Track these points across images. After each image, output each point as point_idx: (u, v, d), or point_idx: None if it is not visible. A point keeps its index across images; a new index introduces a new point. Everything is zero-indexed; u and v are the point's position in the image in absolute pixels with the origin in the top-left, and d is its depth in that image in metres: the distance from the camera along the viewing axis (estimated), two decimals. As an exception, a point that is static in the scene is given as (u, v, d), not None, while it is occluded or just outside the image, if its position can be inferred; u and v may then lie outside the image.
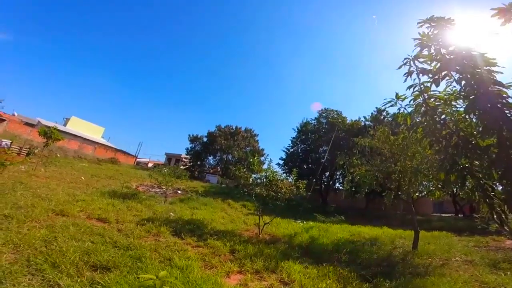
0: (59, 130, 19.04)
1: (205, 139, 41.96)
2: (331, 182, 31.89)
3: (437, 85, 3.05)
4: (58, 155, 22.57)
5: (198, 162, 41.61)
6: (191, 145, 42.45)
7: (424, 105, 3.35)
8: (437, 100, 3.33)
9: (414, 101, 3.46)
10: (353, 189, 11.46)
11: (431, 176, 7.63)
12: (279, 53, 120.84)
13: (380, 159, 9.53)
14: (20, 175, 10.97)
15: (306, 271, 5.44)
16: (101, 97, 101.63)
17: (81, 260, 3.94)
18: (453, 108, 3.44)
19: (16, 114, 33.54)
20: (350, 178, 9.88)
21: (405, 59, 3.24)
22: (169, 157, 47.56)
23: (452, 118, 3.39)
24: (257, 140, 44.89)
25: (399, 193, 9.05)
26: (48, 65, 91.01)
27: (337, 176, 31.22)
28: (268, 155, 43.21)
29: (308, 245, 7.86)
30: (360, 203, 26.31)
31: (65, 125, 37.60)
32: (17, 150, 17.09)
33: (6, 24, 79.61)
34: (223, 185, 30.66)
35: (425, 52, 3.10)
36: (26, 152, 17.72)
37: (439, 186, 7.59)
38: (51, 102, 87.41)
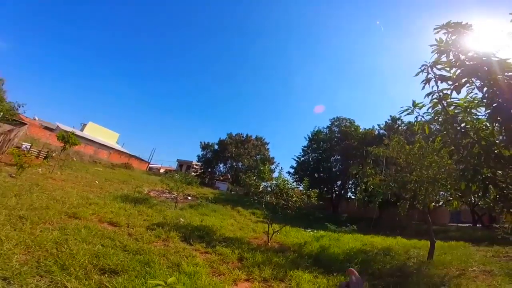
0: (76, 135, 19.71)
1: (216, 147, 42.36)
2: (343, 191, 31.21)
3: (458, 93, 2.92)
4: (74, 159, 23.33)
5: (209, 169, 41.94)
6: (202, 152, 42.96)
7: (443, 113, 3.21)
8: (457, 108, 3.19)
9: (432, 109, 3.32)
10: (366, 198, 11.15)
11: (449, 186, 7.33)
12: (291, 60, 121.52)
13: (395, 169, 9.26)
14: (37, 177, 11.34)
15: (316, 280, 5.27)
16: (116, 103, 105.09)
17: (90, 263, 3.95)
18: (474, 116, 3.28)
19: (36, 118, 35.03)
20: (364, 187, 9.63)
21: (422, 65, 3.14)
22: (181, 164, 48.18)
23: (473, 127, 3.23)
24: (268, 149, 44.87)
25: (414, 203, 8.73)
26: (68, 70, 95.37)
27: (350, 186, 30.53)
28: (278, 163, 43.00)
29: (318, 255, 7.62)
30: (373, 213, 25.51)
31: (82, 130, 38.94)
32: (36, 153, 17.77)
33: (32, 33, 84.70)
34: (232, 193, 30.60)
35: (443, 58, 2.99)
36: (44, 155, 18.44)
37: (457, 195, 7.28)
38: (70, 107, 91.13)
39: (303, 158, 33.29)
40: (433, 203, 9.24)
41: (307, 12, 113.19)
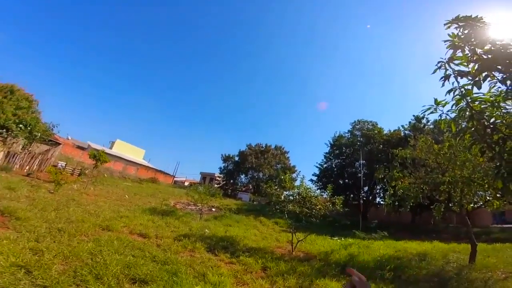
0: (106, 153, 21.01)
1: (236, 158, 42.86)
2: (370, 197, 29.83)
3: (479, 88, 2.77)
4: (105, 175, 24.73)
5: (231, 181, 42.34)
6: (224, 164, 43.64)
7: (468, 109, 3.05)
8: (483, 103, 3.00)
9: (456, 106, 3.16)
10: (396, 203, 10.60)
11: (486, 185, 6.78)
12: (307, 66, 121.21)
13: (424, 170, 8.76)
14: (72, 193, 12.17)
15: (344, 289, 5.04)
16: (141, 119, 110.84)
17: (122, 273, 4.12)
18: (503, 110, 3.07)
19: (70, 138, 37.76)
20: (392, 192, 9.19)
21: (439, 62, 3.02)
22: (204, 176, 49.18)
23: (504, 121, 3.02)
24: (288, 157, 44.53)
25: (450, 205, 8.16)
26: (94, 90, 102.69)
27: (377, 191, 29.18)
28: (300, 171, 42.38)
29: (347, 263, 7.32)
30: (406, 218, 24.11)
31: (111, 147, 41.33)
32: (71, 170, 19.15)
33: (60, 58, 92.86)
34: (255, 203, 30.47)
35: (459, 53, 2.88)
36: (78, 172, 19.79)
37: (497, 195, 6.71)
38: (99, 125, 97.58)
39: (325, 165, 32.49)
40: (471, 204, 8.63)
41: (318, 15, 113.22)
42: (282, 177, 10.61)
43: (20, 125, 14.69)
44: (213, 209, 17.81)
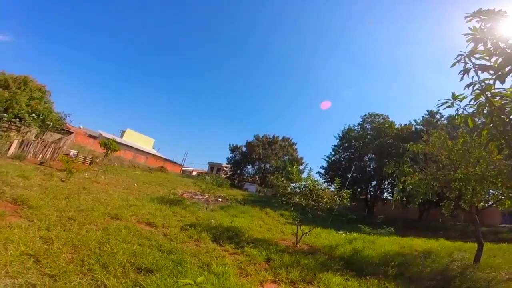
0: (116, 142, 21.40)
1: (244, 149, 42.89)
2: (378, 192, 29.54)
3: (502, 82, 2.63)
4: (116, 164, 25.29)
5: (238, 171, 42.60)
6: (231, 154, 43.82)
7: (488, 105, 2.89)
8: (504, 98, 2.85)
9: (475, 101, 3.01)
10: (404, 199, 10.41)
11: (499, 184, 6.55)
12: (313, 58, 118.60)
13: (436, 167, 8.52)
14: (83, 181, 12.49)
15: (347, 283, 5.06)
16: (151, 108, 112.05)
17: (128, 262, 4.21)
18: None
19: (81, 127, 38.63)
20: (401, 187, 9.01)
21: (458, 56, 2.88)
22: (211, 166, 49.72)
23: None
24: (296, 149, 44.27)
25: (459, 203, 7.97)
26: (108, 81, 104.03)
27: (386, 185, 28.81)
28: (307, 163, 42.19)
29: (351, 257, 7.30)
30: (413, 214, 23.83)
31: (121, 137, 42.12)
32: (82, 159, 19.62)
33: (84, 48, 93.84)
34: (261, 194, 30.70)
35: (480, 47, 2.75)
36: (89, 161, 20.29)
37: (510, 194, 6.49)
38: (110, 115, 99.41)
39: (334, 158, 32.19)
40: (481, 203, 8.40)
41: (324, 10, 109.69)
42: (289, 169, 10.57)
43: (33, 115, 15.12)
44: (220, 199, 18.02)
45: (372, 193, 29.99)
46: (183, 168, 47.68)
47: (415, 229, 17.15)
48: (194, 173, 46.93)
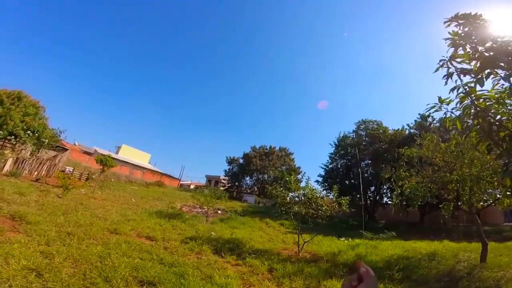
0: (112, 158, 21.24)
1: (241, 161, 42.88)
2: (377, 197, 29.53)
3: (482, 85, 2.78)
4: (112, 180, 25.00)
5: (236, 183, 42.40)
6: (228, 166, 43.77)
7: (473, 107, 3.04)
8: (488, 100, 3.00)
9: (460, 104, 3.16)
10: (404, 203, 10.48)
11: (496, 183, 6.67)
12: (308, 67, 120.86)
13: (432, 169, 8.66)
14: (80, 197, 12.34)
15: (352, 289, 5.00)
16: (146, 123, 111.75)
17: (130, 275, 4.17)
18: (509, 107, 3.06)
19: (76, 143, 38.24)
20: (399, 191, 9.09)
21: (440, 60, 3.03)
22: (209, 179, 49.34)
23: (510, 118, 3.00)
24: (293, 159, 44.44)
25: (459, 203, 8.05)
26: (98, 94, 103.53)
27: (384, 190, 28.85)
28: (305, 172, 42.20)
29: (355, 263, 7.23)
30: (414, 217, 23.76)
31: (117, 152, 41.81)
32: (78, 175, 19.42)
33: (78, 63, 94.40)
34: (260, 205, 30.46)
35: (460, 51, 2.90)
36: (86, 177, 20.06)
37: (507, 193, 6.60)
38: (104, 131, 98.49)
39: (331, 166, 32.31)
40: (480, 203, 8.50)
41: (317, 14, 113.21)
42: (287, 178, 10.55)
43: (28, 132, 15.02)
44: (219, 212, 17.85)
45: (371, 198, 29.97)
46: (181, 182, 47.19)
47: (417, 232, 17.10)
48: (192, 187, 46.43)
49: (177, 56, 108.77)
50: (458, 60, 2.90)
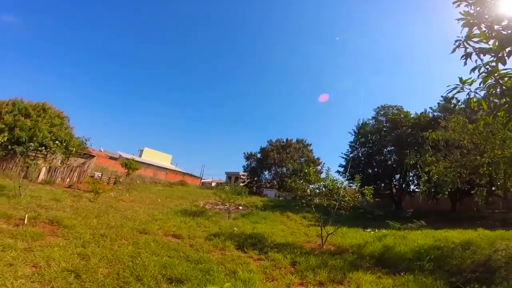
0: (136, 161, 22.23)
1: (259, 155, 42.96)
2: (403, 185, 28.40)
3: (504, 63, 2.59)
4: (138, 182, 26.21)
5: (255, 178, 42.58)
6: (247, 162, 43.95)
7: (498, 86, 2.83)
8: (512, 78, 2.78)
9: (484, 84, 2.96)
10: (432, 190, 9.96)
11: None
12: (322, 59, 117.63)
13: (460, 152, 8.17)
14: (110, 200, 13.08)
15: (380, 281, 4.90)
16: (166, 126, 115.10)
17: (160, 273, 4.38)
18: None
19: (102, 149, 40.24)
20: (426, 178, 8.69)
21: (456, 41, 2.86)
22: (229, 176, 50.16)
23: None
24: (311, 150, 43.72)
25: (492, 189, 7.55)
26: (119, 100, 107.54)
27: (410, 178, 27.65)
28: (324, 163, 41.42)
29: (382, 254, 7.06)
30: (445, 205, 22.62)
31: (140, 156, 43.57)
32: (106, 180, 20.57)
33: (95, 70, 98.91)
34: (280, 198, 30.45)
35: (475, 31, 2.73)
36: (113, 181, 21.18)
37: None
38: (127, 135, 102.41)
39: (352, 155, 31.36)
40: (517, 187, 7.91)
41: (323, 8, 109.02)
42: (306, 170, 10.43)
43: (56, 142, 16.02)
44: (240, 207, 18.13)
45: (397, 186, 28.89)
46: (202, 180, 48.40)
47: (448, 220, 16.27)
48: (213, 184, 47.53)
49: (187, 59, 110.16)
50: (475, 39, 2.74)
